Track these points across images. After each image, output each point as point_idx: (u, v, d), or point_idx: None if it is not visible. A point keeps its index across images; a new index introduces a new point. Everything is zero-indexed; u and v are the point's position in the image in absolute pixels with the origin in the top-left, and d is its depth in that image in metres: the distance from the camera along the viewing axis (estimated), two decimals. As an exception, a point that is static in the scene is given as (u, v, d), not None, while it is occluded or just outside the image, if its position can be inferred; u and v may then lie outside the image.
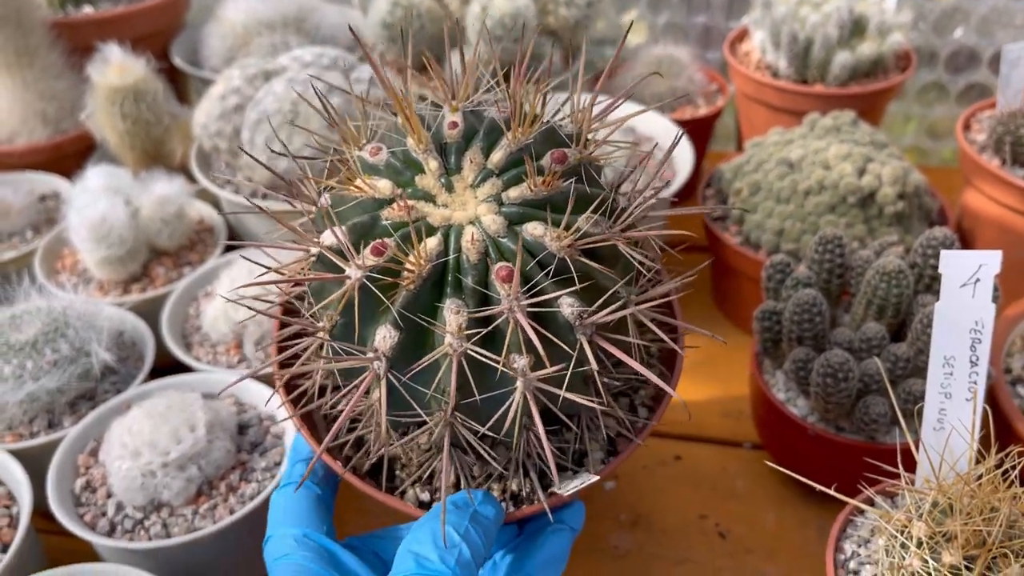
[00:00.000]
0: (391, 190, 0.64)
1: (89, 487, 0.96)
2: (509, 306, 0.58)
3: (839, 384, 0.94)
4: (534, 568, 0.69)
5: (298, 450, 0.78)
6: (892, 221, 1.20)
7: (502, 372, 0.60)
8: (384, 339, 0.61)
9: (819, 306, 0.99)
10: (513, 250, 0.61)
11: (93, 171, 1.26)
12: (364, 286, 0.60)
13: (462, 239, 0.62)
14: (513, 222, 0.63)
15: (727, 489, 1.14)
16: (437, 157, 0.66)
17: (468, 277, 0.61)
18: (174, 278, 1.25)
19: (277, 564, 0.67)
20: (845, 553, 0.82)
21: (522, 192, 0.63)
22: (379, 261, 0.60)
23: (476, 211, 0.64)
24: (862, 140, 1.26)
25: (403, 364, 0.62)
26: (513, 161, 0.65)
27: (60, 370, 1.03)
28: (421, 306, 0.61)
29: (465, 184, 0.66)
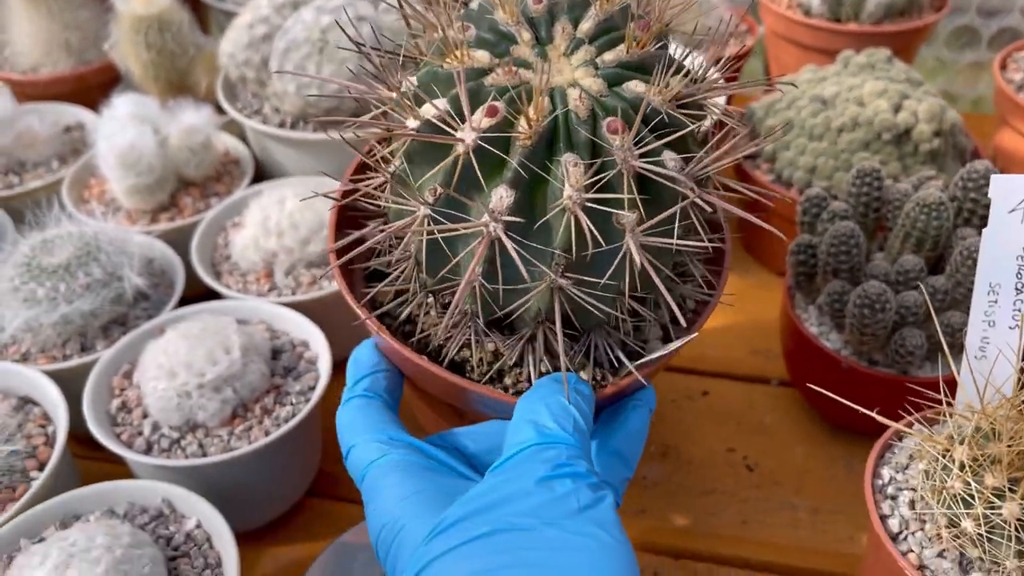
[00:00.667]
0: (489, 59, 0.65)
1: (125, 408, 0.96)
2: (624, 156, 0.59)
3: (876, 315, 0.94)
4: (619, 442, 0.70)
5: (360, 364, 0.76)
6: (927, 159, 1.19)
7: (609, 230, 0.61)
8: (501, 199, 0.61)
9: (856, 238, 0.98)
10: (618, 107, 0.62)
11: (121, 99, 1.25)
12: (479, 148, 0.60)
13: (568, 98, 0.63)
14: (612, 83, 0.64)
15: (755, 424, 1.14)
16: (528, 28, 0.67)
17: (581, 130, 0.62)
18: (201, 208, 1.25)
19: (372, 468, 0.65)
20: (883, 479, 0.82)
21: (617, 55, 0.65)
22: (493, 121, 0.60)
23: (574, 75, 0.65)
24: (897, 77, 1.24)
25: (514, 228, 0.62)
26: (602, 30, 0.67)
27: (93, 293, 1.03)
28: (536, 163, 0.62)
29: (559, 52, 0.66)
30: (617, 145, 0.60)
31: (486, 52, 0.67)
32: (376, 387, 0.74)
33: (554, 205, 0.61)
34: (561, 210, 0.60)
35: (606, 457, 0.70)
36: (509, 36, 0.67)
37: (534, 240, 0.63)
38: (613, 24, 0.67)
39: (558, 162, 0.62)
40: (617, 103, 0.63)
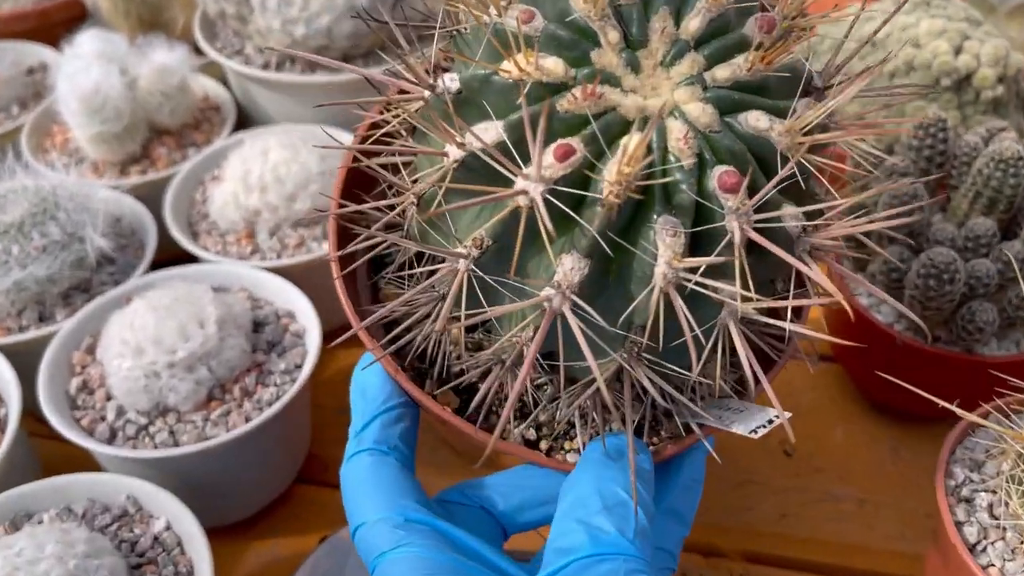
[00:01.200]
0: (564, 71, 0.49)
1: (86, 388, 0.85)
2: (738, 223, 0.45)
3: (943, 287, 0.82)
4: (673, 498, 0.59)
5: (369, 396, 0.61)
6: (988, 108, 1.06)
7: (701, 302, 0.47)
8: (572, 271, 0.46)
9: (920, 198, 0.86)
10: (732, 151, 0.47)
11: (85, 36, 1.12)
12: (547, 204, 0.44)
13: (668, 137, 0.47)
14: (725, 111, 0.49)
15: (793, 404, 1.02)
16: (616, 25, 0.50)
17: (683, 185, 0.46)
18: (177, 160, 1.12)
19: (387, 561, 0.53)
20: (956, 479, 0.71)
21: (734, 71, 0.49)
22: (566, 170, 0.45)
23: (675, 97, 0.49)
24: (956, 15, 1.11)
25: (586, 294, 0.48)
26: (714, 30, 0.51)
27: (50, 256, 0.91)
28: (619, 227, 0.47)
29: (655, 61, 0.51)
30: (731, 207, 0.46)
31: (559, 60, 0.49)
32: (389, 435, 0.59)
33: (640, 278, 0.47)
34: (647, 284, 0.47)
35: (660, 518, 0.58)
36: (590, 34, 0.50)
37: (607, 313, 0.49)
38: (728, 20, 0.51)
39: (650, 228, 0.47)
40: (732, 144, 0.48)
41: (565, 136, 0.47)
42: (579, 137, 0.47)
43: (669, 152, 0.47)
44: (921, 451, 0.95)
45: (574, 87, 0.48)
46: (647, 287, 0.46)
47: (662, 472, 0.59)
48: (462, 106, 0.51)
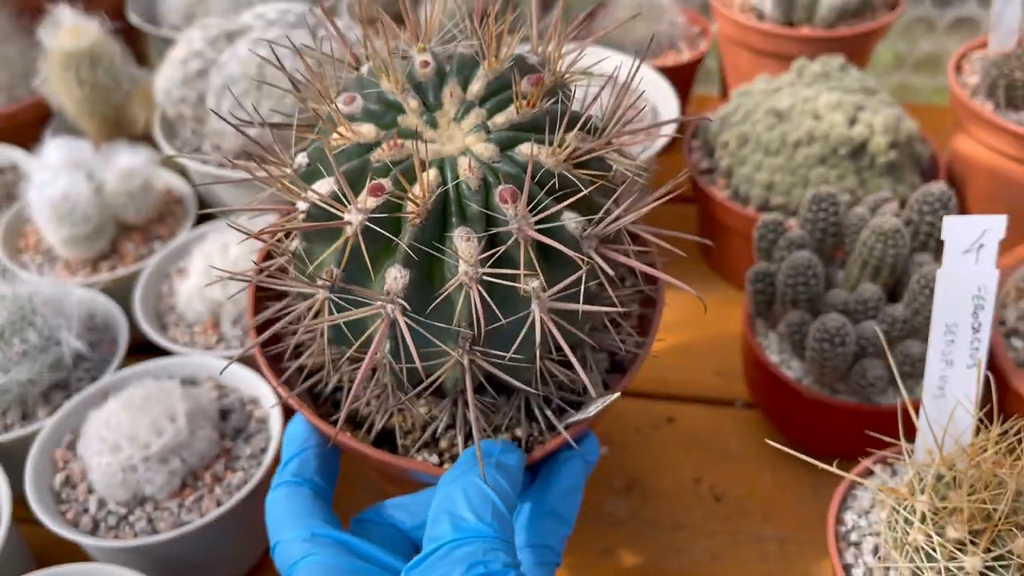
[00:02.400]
0: (375, 133, 0.63)
1: (69, 483, 0.93)
2: (518, 225, 0.58)
3: (836, 349, 0.92)
4: (553, 501, 0.68)
5: (292, 440, 0.74)
6: (884, 171, 1.17)
7: (513, 299, 0.60)
8: (396, 279, 0.59)
9: (814, 268, 0.96)
10: (510, 173, 0.60)
11: (52, 144, 1.20)
12: (367, 229, 0.58)
13: (458, 168, 0.61)
14: (504, 147, 0.63)
15: (721, 450, 1.13)
16: (415, 95, 0.65)
17: (472, 203, 0.60)
18: (144, 254, 1.21)
19: (296, 570, 0.64)
20: (846, 524, 0.81)
21: (508, 117, 0.64)
22: (379, 201, 0.59)
23: (465, 142, 0.63)
24: (852, 87, 1.22)
25: (414, 306, 0.60)
26: (492, 90, 0.66)
27: (30, 361, 0.99)
28: (428, 240, 0.60)
29: (448, 118, 0.65)
30: (511, 215, 0.58)
31: (372, 125, 0.64)
32: (305, 470, 0.72)
33: (453, 281, 0.59)
34: (459, 285, 0.59)
35: (541, 518, 0.69)
36: (396, 105, 0.65)
37: (437, 316, 0.61)
38: (504, 82, 0.66)
39: (449, 237, 0.60)
40: (509, 168, 0.61)
41: (381, 178, 0.61)
42: (388, 178, 0.60)
43: (460, 180, 0.60)
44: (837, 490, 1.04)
45: (383, 143, 0.62)
46: (459, 285, 0.59)
47: (544, 478, 0.70)
48: (312, 174, 0.64)
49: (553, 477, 0.71)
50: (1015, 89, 1.17)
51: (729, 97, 1.32)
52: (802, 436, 1.08)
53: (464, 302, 0.60)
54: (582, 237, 0.61)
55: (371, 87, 0.66)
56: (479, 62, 0.66)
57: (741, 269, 1.28)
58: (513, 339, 0.61)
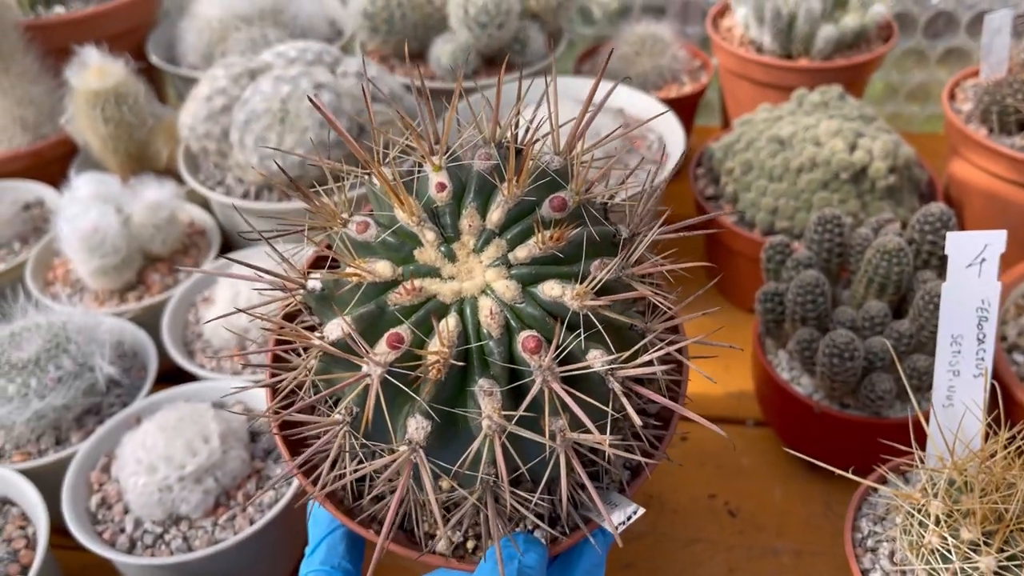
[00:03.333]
0: (391, 271, 0.61)
1: (105, 504, 0.96)
2: (543, 377, 0.56)
3: (845, 363, 0.96)
4: None
5: (319, 522, 0.75)
6: (884, 195, 1.22)
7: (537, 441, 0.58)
8: (417, 430, 0.58)
9: (821, 287, 1.00)
10: (534, 316, 0.59)
11: (81, 179, 1.24)
12: (386, 380, 0.56)
13: (479, 314, 0.59)
14: (527, 284, 0.61)
15: (734, 467, 1.16)
16: (432, 227, 0.63)
17: (494, 355, 0.58)
18: (170, 284, 1.24)
19: None
20: (862, 531, 0.84)
21: (530, 251, 0.61)
22: (398, 354, 0.57)
23: (485, 278, 0.61)
24: (850, 115, 1.27)
25: (436, 445, 0.60)
26: (513, 217, 0.63)
27: (65, 386, 1.02)
28: (449, 391, 0.59)
29: (467, 250, 0.63)
30: (535, 366, 0.56)
31: (387, 263, 0.61)
32: (334, 555, 0.73)
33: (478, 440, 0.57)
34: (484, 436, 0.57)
35: None
36: (412, 237, 0.63)
37: (459, 451, 0.60)
38: (526, 207, 0.63)
39: (472, 392, 0.58)
40: (532, 311, 0.59)
41: (396, 324, 0.59)
42: (407, 325, 0.58)
43: (481, 327, 0.59)
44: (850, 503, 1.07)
45: (402, 282, 0.60)
46: (481, 434, 0.57)
47: (563, 564, 0.71)
48: (323, 300, 0.63)
49: (575, 558, 0.71)
50: (1007, 115, 1.23)
51: (731, 127, 1.37)
52: (813, 451, 1.10)
53: (489, 450, 0.58)
54: (609, 376, 0.59)
55: (386, 207, 0.64)
56: (496, 185, 0.63)
57: (748, 292, 1.32)
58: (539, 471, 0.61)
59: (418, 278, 0.61)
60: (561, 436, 0.58)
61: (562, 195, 0.63)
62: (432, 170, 0.64)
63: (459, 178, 0.65)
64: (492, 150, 0.65)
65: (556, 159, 0.65)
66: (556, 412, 0.58)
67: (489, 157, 0.64)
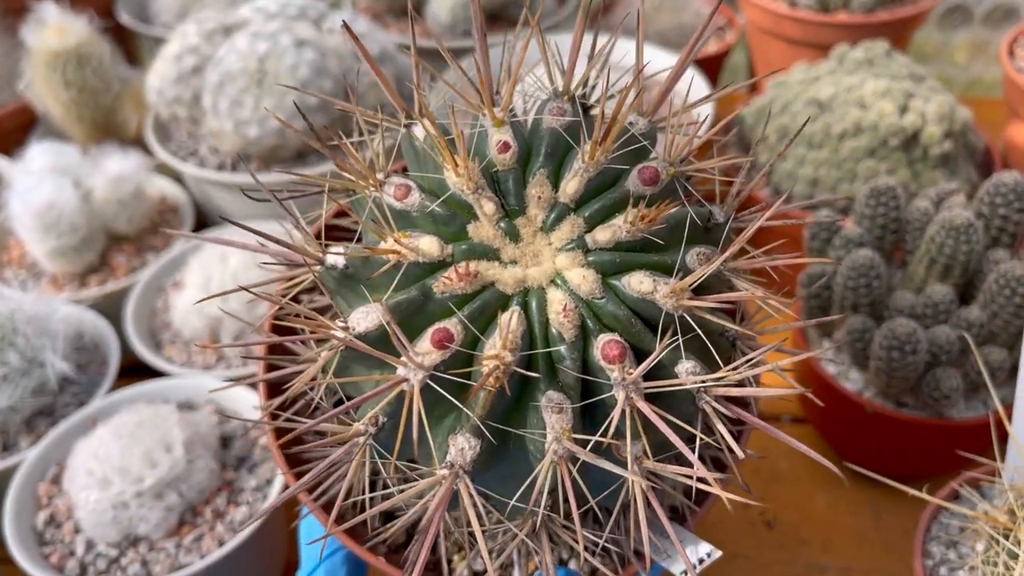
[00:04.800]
0: (440, 250, 0.48)
1: (53, 521, 0.83)
2: (625, 394, 0.44)
3: (906, 357, 0.83)
4: None
5: (312, 552, 0.63)
6: (938, 163, 1.08)
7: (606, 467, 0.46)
8: (463, 452, 0.46)
9: (877, 268, 0.87)
10: (617, 316, 0.47)
11: (36, 149, 1.11)
12: (428, 388, 0.44)
13: (549, 310, 0.47)
14: (608, 274, 0.48)
15: (771, 471, 1.03)
16: (492, 196, 0.50)
17: (566, 362, 0.46)
18: (137, 267, 1.11)
19: None
20: (933, 557, 0.71)
21: (614, 232, 0.49)
22: (445, 356, 0.45)
23: (556, 264, 0.49)
24: (899, 74, 1.13)
25: (483, 468, 0.47)
26: (593, 189, 0.50)
27: (11, 385, 0.89)
28: (507, 403, 0.47)
29: (534, 228, 0.50)
30: (616, 378, 0.45)
31: (433, 238, 0.49)
32: None
33: (540, 466, 0.46)
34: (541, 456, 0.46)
35: None
36: (465, 207, 0.50)
37: (506, 473, 0.49)
38: (609, 178, 0.51)
39: (536, 407, 0.46)
40: (616, 309, 0.47)
41: (443, 318, 0.46)
42: (456, 319, 0.46)
43: (551, 326, 0.46)
44: (902, 513, 0.95)
45: (452, 264, 0.47)
46: (542, 459, 0.46)
47: None
48: (347, 282, 0.50)
49: None
50: (1079, 72, 1.09)
51: (761, 89, 1.23)
52: (861, 454, 0.98)
53: (549, 477, 0.46)
54: (698, 393, 0.47)
55: (430, 167, 0.51)
56: (574, 146, 0.51)
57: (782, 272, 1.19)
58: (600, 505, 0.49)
59: (473, 260, 0.48)
60: (637, 464, 0.45)
61: (654, 165, 0.50)
62: (492, 125, 0.51)
63: (524, 137, 0.51)
64: (567, 105, 0.51)
65: (642, 121, 0.52)
66: (636, 435, 0.45)
67: (563, 112, 0.51)
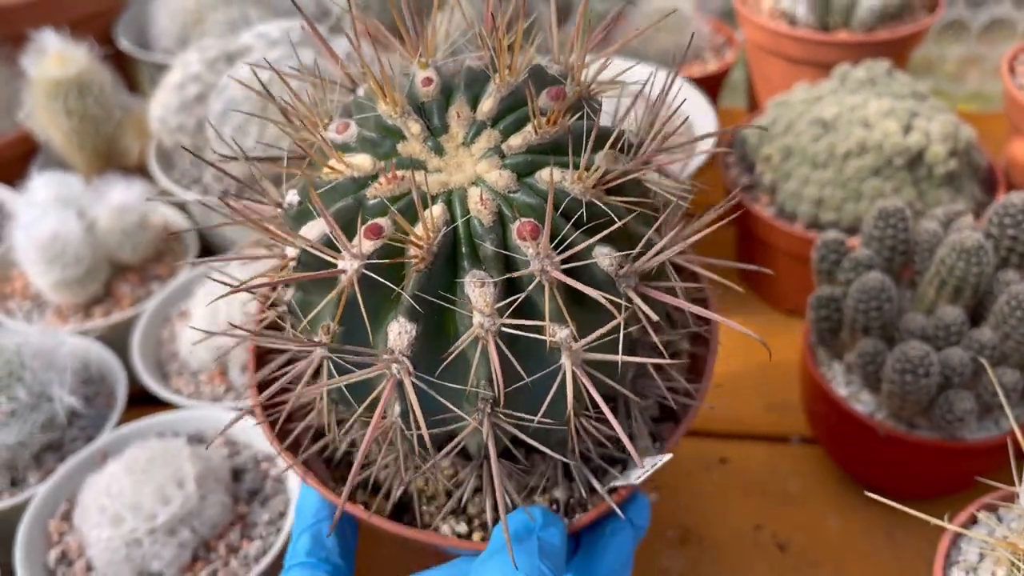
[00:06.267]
0: (372, 164, 0.55)
1: (65, 559, 0.82)
2: (541, 266, 0.49)
3: (919, 380, 0.83)
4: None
5: (303, 512, 0.66)
6: (942, 182, 1.08)
7: (539, 351, 0.51)
8: (400, 335, 0.51)
9: (888, 291, 0.87)
10: (530, 204, 0.52)
11: (39, 180, 1.10)
12: (364, 277, 0.50)
13: (468, 202, 0.53)
14: (522, 173, 0.54)
15: (780, 492, 1.03)
16: (417, 119, 0.57)
17: (485, 242, 0.51)
18: (142, 296, 1.10)
19: None
20: (953, 584, 0.71)
21: (525, 138, 0.55)
22: (377, 244, 0.51)
23: (476, 170, 0.55)
24: (901, 92, 1.13)
25: (423, 363, 0.52)
26: (506, 108, 0.57)
27: (19, 421, 0.89)
28: (435, 288, 0.52)
29: (456, 143, 0.57)
30: (532, 253, 0.50)
31: (367, 156, 0.55)
32: (320, 548, 0.64)
33: (466, 336, 0.50)
34: (474, 339, 0.50)
35: None
36: (394, 131, 0.57)
37: (450, 375, 0.53)
38: (520, 98, 0.57)
39: (461, 284, 0.51)
40: (528, 199, 0.52)
41: (380, 216, 0.52)
42: (386, 218, 0.51)
43: (471, 215, 0.52)
44: (917, 534, 0.95)
45: (380, 176, 0.53)
46: (474, 339, 0.50)
47: (589, 553, 0.62)
48: (303, 214, 0.56)
49: (600, 552, 0.62)
50: (1080, 90, 1.09)
51: (761, 108, 1.24)
52: (872, 475, 0.98)
53: (481, 358, 0.51)
54: (618, 276, 0.52)
55: (369, 111, 0.58)
56: (490, 76, 0.58)
57: (788, 292, 1.19)
58: (541, 397, 0.52)
59: (400, 170, 0.54)
60: (567, 349, 0.50)
61: (561, 86, 0.56)
62: (419, 67, 0.59)
63: (449, 76, 0.59)
64: (486, 53, 0.59)
65: (555, 67, 0.59)
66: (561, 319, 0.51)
67: (482, 58, 0.59)
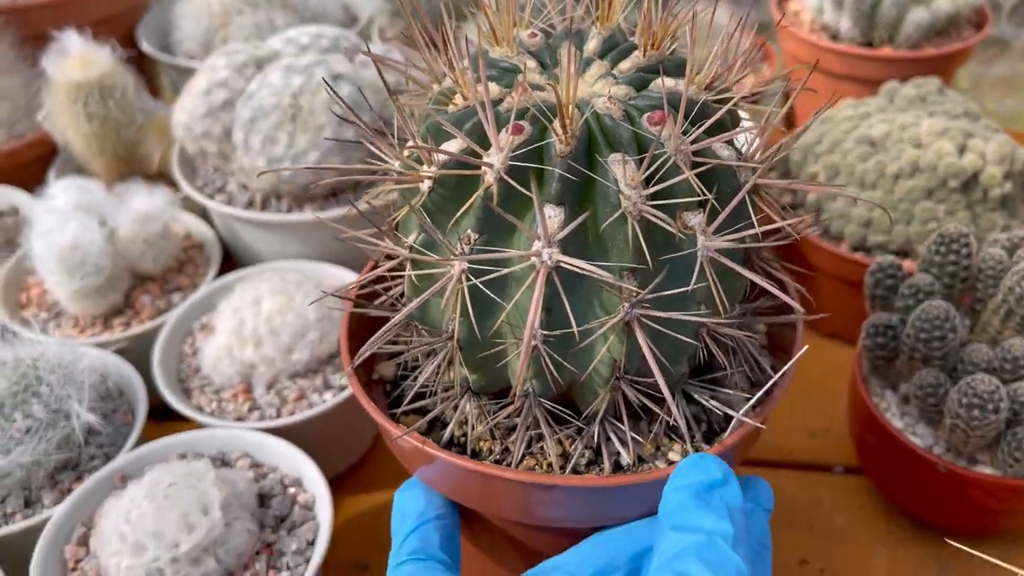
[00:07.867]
0: (500, 91, 0.57)
1: (81, 588, 0.78)
2: (676, 145, 0.52)
3: (987, 416, 0.78)
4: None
5: (405, 514, 0.64)
6: (997, 205, 1.04)
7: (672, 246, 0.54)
8: (550, 219, 0.52)
9: (952, 321, 0.82)
10: (652, 105, 0.55)
11: (59, 186, 1.06)
12: (513, 171, 0.52)
13: (596, 106, 0.55)
14: (637, 88, 0.58)
15: (826, 525, 0.98)
16: (531, 56, 0.61)
17: (620, 128, 0.54)
18: (162, 308, 1.06)
19: None
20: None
21: (634, 62, 0.59)
22: (522, 138, 0.52)
23: (593, 89, 0.59)
24: (954, 111, 1.09)
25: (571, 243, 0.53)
26: (610, 45, 0.61)
27: (35, 438, 0.84)
28: (577, 173, 0.53)
29: (570, 74, 0.57)
30: (665, 135, 0.52)
31: (494, 85, 0.58)
32: (428, 545, 0.61)
33: (612, 214, 0.52)
34: (621, 219, 0.52)
35: None
36: (513, 68, 0.60)
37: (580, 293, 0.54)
38: (618, 39, 0.62)
39: (603, 165, 0.53)
40: (651, 101, 0.55)
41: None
42: (525, 120, 0.54)
43: (600, 114, 0.55)
44: (971, 571, 0.90)
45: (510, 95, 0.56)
46: (621, 218, 0.52)
47: None
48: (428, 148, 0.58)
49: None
50: None
51: (799, 122, 1.20)
52: (926, 510, 0.94)
53: (628, 238, 0.52)
54: (739, 166, 0.55)
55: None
56: (583, 32, 0.63)
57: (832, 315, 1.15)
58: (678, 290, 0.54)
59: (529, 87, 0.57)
60: (704, 234, 0.53)
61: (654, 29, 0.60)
62: (522, 28, 0.63)
63: (545, 34, 0.64)
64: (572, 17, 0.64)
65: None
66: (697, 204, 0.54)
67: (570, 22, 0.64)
